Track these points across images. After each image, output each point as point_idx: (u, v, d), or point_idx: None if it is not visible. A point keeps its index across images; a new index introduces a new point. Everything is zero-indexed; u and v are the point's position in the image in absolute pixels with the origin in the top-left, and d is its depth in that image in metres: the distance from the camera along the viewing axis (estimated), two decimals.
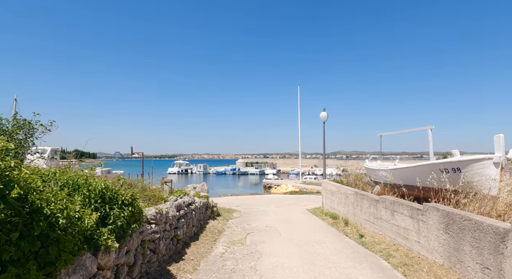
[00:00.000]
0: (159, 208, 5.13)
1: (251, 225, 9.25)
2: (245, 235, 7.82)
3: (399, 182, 7.62)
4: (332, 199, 11.41)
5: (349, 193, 9.50)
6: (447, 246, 4.60)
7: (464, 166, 6.01)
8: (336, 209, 10.92)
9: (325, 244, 6.88)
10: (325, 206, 12.75)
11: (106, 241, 3.16)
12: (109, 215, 3.42)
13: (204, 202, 9.17)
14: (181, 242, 6.17)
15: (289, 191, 24.62)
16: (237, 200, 18.00)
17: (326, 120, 14.69)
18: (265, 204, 15.68)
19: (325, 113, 14.65)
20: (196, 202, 8.32)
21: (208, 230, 8.15)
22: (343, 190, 10.16)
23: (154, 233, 4.83)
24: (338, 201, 10.60)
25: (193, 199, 7.98)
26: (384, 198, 6.99)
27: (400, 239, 6.15)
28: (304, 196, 20.63)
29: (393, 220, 6.49)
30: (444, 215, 4.67)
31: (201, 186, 12.08)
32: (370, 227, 7.73)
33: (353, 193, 9.09)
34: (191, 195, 7.93)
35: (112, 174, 25.38)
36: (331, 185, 11.64)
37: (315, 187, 28.57)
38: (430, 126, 7.94)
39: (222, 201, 17.25)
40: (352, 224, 8.75)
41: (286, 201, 16.94)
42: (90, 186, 3.47)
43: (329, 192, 11.88)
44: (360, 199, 8.50)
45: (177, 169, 70.21)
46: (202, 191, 12.06)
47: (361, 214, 8.39)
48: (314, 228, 8.85)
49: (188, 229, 6.92)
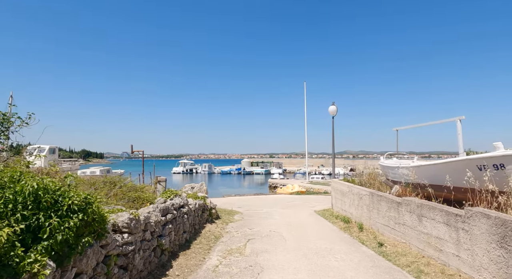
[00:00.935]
0: (135, 213, 4.16)
1: (252, 230, 8.24)
2: (245, 242, 6.81)
3: (424, 182, 6.54)
4: (343, 200, 10.34)
5: (363, 194, 8.42)
6: (504, 265, 3.53)
7: (511, 161, 4.91)
8: (347, 211, 9.84)
9: (339, 254, 5.83)
10: (335, 207, 11.68)
11: (32, 265, 2.18)
12: (43, 226, 2.45)
13: (200, 204, 8.20)
14: (166, 253, 5.19)
15: (296, 191, 23.55)
16: (241, 200, 17.02)
17: (335, 114, 13.60)
18: (269, 205, 14.66)
19: (334, 107, 13.56)
20: (190, 204, 7.35)
21: (203, 236, 7.17)
22: (355, 190, 9.09)
23: (127, 245, 3.85)
24: (350, 202, 9.52)
25: (186, 200, 7.01)
26: (408, 200, 5.91)
27: (431, 251, 5.07)
28: (312, 197, 19.54)
29: (420, 227, 5.41)
30: (499, 224, 3.60)
31: (199, 186, 11.14)
32: (390, 234, 6.66)
33: (368, 194, 8.01)
34: (183, 196, 6.96)
35: (112, 173, 24.64)
36: (342, 185, 10.56)
37: (323, 187, 27.43)
38: (460, 117, 6.83)
39: (224, 201, 16.30)
40: (367, 230, 7.67)
41: (292, 202, 15.89)
42: (18, 186, 2.50)
43: (340, 193, 10.80)
44: (377, 201, 7.43)
45: (182, 169, 69.54)
46: (200, 191, 11.10)
47: (378, 218, 7.31)
48: (324, 233, 7.80)
49: (178, 236, 5.94)
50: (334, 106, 13.56)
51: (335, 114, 13.58)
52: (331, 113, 13.66)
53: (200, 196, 8.81)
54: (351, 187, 9.59)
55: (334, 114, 13.59)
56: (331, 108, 13.59)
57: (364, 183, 9.63)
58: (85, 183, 6.92)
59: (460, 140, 6.80)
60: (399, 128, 10.22)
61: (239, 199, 18.34)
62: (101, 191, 6.00)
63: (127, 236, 3.89)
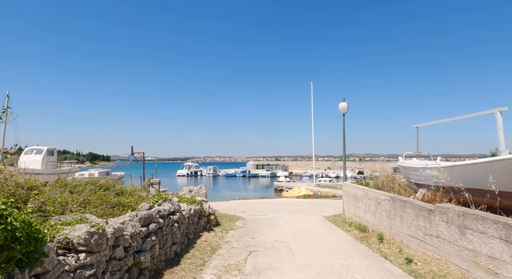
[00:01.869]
0: (99, 225, 3.19)
1: (255, 240, 7.23)
2: (246, 256, 5.80)
3: (459, 185, 5.48)
4: (357, 206, 9.26)
5: (382, 198, 7.36)
6: None
7: None
8: (362, 218, 8.77)
9: (360, 273, 4.78)
10: (347, 213, 10.60)
11: None
12: None
13: (196, 209, 7.23)
14: (147, 273, 4.20)
15: (302, 194, 22.43)
16: (244, 204, 16.01)
17: (346, 111, 12.52)
18: (275, 209, 13.62)
19: (345, 104, 12.48)
20: (183, 210, 6.38)
21: (198, 247, 6.18)
22: (372, 194, 8.02)
23: (83, 269, 2.88)
24: (366, 208, 8.45)
25: (177, 206, 6.04)
26: (444, 207, 4.84)
27: (481, 273, 4.00)
28: (320, 201, 18.44)
29: (463, 242, 4.34)
30: None
31: (197, 189, 10.17)
32: (418, 247, 5.58)
33: (389, 199, 6.95)
34: (174, 201, 5.99)
35: (112, 175, 23.86)
36: (356, 189, 9.49)
37: (331, 190, 26.26)
38: (500, 108, 5.75)
39: (226, 206, 15.32)
40: (389, 240, 6.60)
41: (299, 206, 14.83)
42: None
43: (353, 197, 9.73)
44: (399, 207, 6.36)
45: (186, 171, 68.77)
46: (199, 195, 10.14)
47: (402, 227, 6.24)
48: (338, 244, 6.75)
49: (165, 249, 4.96)
50: (345, 103, 12.49)
51: (346, 111, 12.51)
52: (341, 110, 12.59)
53: (197, 201, 7.84)
54: (366, 191, 8.52)
55: (345, 111, 12.52)
56: (342, 105, 12.53)
57: (381, 187, 8.56)
58: (61, 186, 6.01)
59: (501, 135, 5.72)
60: (419, 125, 9.14)
61: (243, 203, 17.34)
62: (78, 195, 5.08)
63: (84, 256, 2.91)
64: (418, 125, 9.15)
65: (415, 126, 9.22)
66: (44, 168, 20.35)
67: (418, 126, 9.16)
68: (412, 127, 9.39)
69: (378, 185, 8.81)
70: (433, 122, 8.91)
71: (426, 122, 9.14)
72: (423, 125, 9.12)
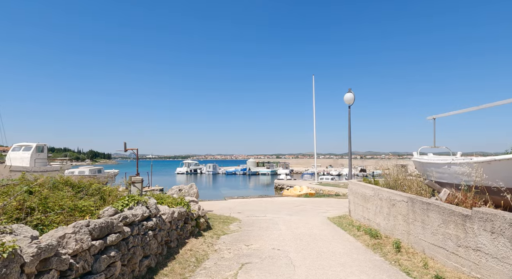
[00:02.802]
0: (6, 246, 2.16)
1: (250, 247, 6.21)
2: (237, 270, 4.77)
3: (498, 184, 4.44)
4: (366, 207, 8.24)
5: (397, 199, 6.32)
6: None
7: None
8: (372, 221, 7.74)
9: None
10: (353, 214, 9.58)
11: None
12: None
13: (181, 212, 6.21)
14: None
15: (304, 193, 21.41)
16: (242, 204, 15.01)
17: (352, 103, 11.47)
18: (274, 209, 12.61)
19: (350, 95, 11.43)
20: (163, 214, 5.37)
21: (179, 259, 5.16)
22: (385, 194, 6.98)
23: None
24: (377, 210, 7.42)
25: (154, 210, 5.01)
26: (488, 213, 3.79)
27: None
28: (322, 200, 17.43)
29: None
30: None
31: (188, 188, 9.14)
32: (448, 260, 4.55)
33: (406, 200, 5.91)
34: (151, 204, 4.96)
35: (104, 173, 22.85)
36: (364, 188, 8.45)
37: (333, 188, 25.21)
38: None
39: (222, 206, 14.32)
40: (407, 250, 5.56)
41: (300, 206, 13.81)
42: None
43: (361, 197, 8.70)
44: (421, 210, 5.32)
45: (185, 169, 67.77)
46: (189, 195, 9.11)
47: (424, 234, 5.21)
48: (347, 254, 5.71)
49: (131, 266, 3.94)
50: (351, 94, 11.43)
51: (352, 103, 11.45)
52: (347, 102, 11.54)
53: (184, 202, 6.82)
54: (377, 191, 7.48)
55: (350, 103, 11.46)
56: (347, 96, 11.47)
57: (394, 186, 7.51)
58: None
59: None
60: (437, 115, 8.08)
61: (241, 202, 16.34)
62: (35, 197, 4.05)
63: None
64: (435, 116, 8.11)
65: (432, 117, 8.17)
66: (33, 165, 19.36)
67: (435, 117, 8.11)
68: (428, 118, 8.35)
69: (390, 183, 7.77)
70: (453, 112, 7.84)
71: (444, 113, 8.10)
72: (441, 115, 8.06)
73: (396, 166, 7.93)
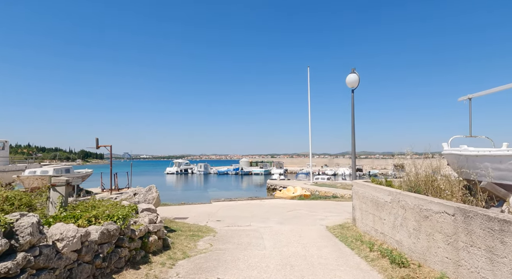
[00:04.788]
0: None
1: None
2: None
3: None
4: (379, 217, 6.17)
5: (433, 210, 4.24)
6: None
7: None
8: (389, 236, 5.68)
9: None
10: (360, 224, 7.52)
11: None
12: None
13: (109, 232, 4.03)
14: None
15: (298, 194, 19.34)
16: (226, 208, 12.85)
17: (356, 86, 9.41)
18: (262, 216, 10.49)
19: (354, 76, 9.35)
20: (60, 240, 3.20)
21: None
22: (411, 201, 4.90)
23: None
24: (397, 222, 5.35)
25: (29, 237, 2.83)
26: None
27: None
28: (319, 203, 15.34)
29: None
30: None
31: (145, 192, 6.92)
32: None
33: (452, 212, 3.83)
34: (23, 225, 2.79)
35: (73, 174, 20.35)
36: (376, 191, 6.37)
37: (330, 189, 23.18)
38: None
39: (202, 210, 12.15)
40: None
41: (294, 211, 11.71)
42: None
43: (371, 203, 6.63)
44: (484, 231, 3.25)
45: (176, 169, 65.14)
46: (146, 200, 6.91)
47: (492, 271, 3.14)
48: None
49: None
50: (355, 75, 9.35)
51: (356, 86, 9.38)
52: (350, 85, 9.46)
53: (123, 214, 4.63)
54: (398, 195, 5.40)
55: (354, 86, 9.40)
56: (350, 78, 9.38)
57: (424, 189, 5.42)
58: None
59: None
60: (472, 95, 6.05)
61: (226, 206, 14.16)
62: None
63: None
64: (471, 95, 6.05)
65: (466, 98, 6.12)
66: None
67: (471, 96, 6.06)
68: (460, 99, 6.32)
69: (415, 185, 5.66)
70: (491, 90, 5.84)
71: (481, 91, 6.07)
72: (478, 94, 6.03)
73: (424, 160, 5.81)
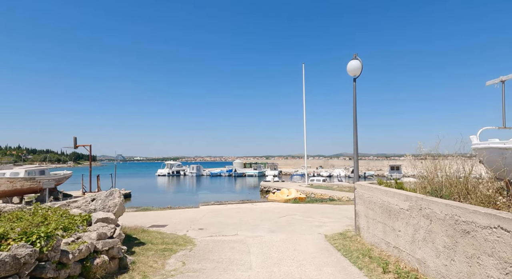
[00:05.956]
0: None
1: None
2: None
3: None
4: (392, 227, 4.97)
5: (480, 224, 3.05)
6: None
7: None
8: (406, 252, 4.48)
9: None
10: (365, 234, 6.33)
11: None
12: None
13: (14, 260, 2.72)
14: None
15: (292, 197, 18.13)
16: (212, 213, 11.55)
17: (358, 75, 8.20)
18: (252, 222, 9.23)
19: (356, 63, 8.14)
20: None
21: None
22: (440, 210, 3.71)
23: None
24: (417, 235, 4.15)
25: None
26: None
27: None
28: (315, 206, 14.12)
29: None
30: None
31: (104, 197, 5.53)
32: None
33: None
34: None
35: (49, 175, 18.71)
36: (388, 195, 5.17)
37: (326, 191, 22.02)
38: None
39: (186, 217, 10.86)
40: None
41: (287, 216, 10.46)
42: None
43: (381, 209, 5.44)
44: None
45: (167, 171, 63.41)
46: (105, 208, 5.57)
47: None
48: None
49: None
50: (357, 61, 8.14)
51: (358, 74, 8.17)
52: (351, 74, 8.25)
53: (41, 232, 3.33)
54: (420, 202, 4.20)
55: (356, 74, 8.19)
56: (352, 65, 8.17)
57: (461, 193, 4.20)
58: None
59: None
60: (507, 77, 4.89)
61: (212, 210, 12.85)
62: None
63: None
64: (505, 78, 4.89)
65: (498, 81, 4.96)
66: None
67: (504, 79, 4.89)
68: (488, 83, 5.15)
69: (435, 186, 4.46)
70: None
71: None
72: None
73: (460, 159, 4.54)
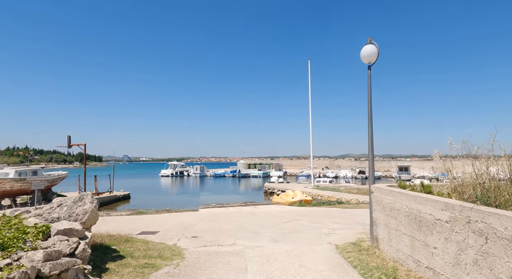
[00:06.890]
0: None
1: None
2: None
3: None
4: (423, 241, 3.94)
5: None
6: None
7: None
8: (445, 275, 3.46)
9: None
10: (385, 247, 5.29)
11: None
12: None
13: None
14: None
15: (298, 200, 17.07)
16: (210, 218, 10.59)
17: (373, 62, 7.17)
18: (253, 230, 8.24)
19: (372, 48, 7.09)
20: None
21: None
22: (502, 226, 2.66)
23: None
24: (465, 257, 3.12)
25: None
26: None
27: None
28: (322, 210, 13.05)
29: None
30: None
31: (72, 203, 4.51)
32: None
33: None
34: None
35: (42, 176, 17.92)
36: (418, 201, 4.14)
37: (334, 193, 20.93)
38: None
39: (180, 221, 9.92)
40: None
41: (293, 222, 9.45)
42: None
43: (408, 219, 4.41)
44: None
45: (171, 171, 62.73)
46: (71, 216, 4.57)
47: None
48: None
49: None
50: (373, 46, 7.08)
51: (373, 60, 7.13)
52: (365, 61, 7.21)
53: None
54: (468, 213, 3.17)
55: (371, 60, 7.15)
56: (367, 50, 7.12)
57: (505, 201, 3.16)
58: None
59: None
60: None
61: (212, 214, 11.89)
62: None
63: None
64: None
65: None
66: None
67: None
68: None
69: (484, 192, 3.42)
70: None
71: None
72: None
73: None
